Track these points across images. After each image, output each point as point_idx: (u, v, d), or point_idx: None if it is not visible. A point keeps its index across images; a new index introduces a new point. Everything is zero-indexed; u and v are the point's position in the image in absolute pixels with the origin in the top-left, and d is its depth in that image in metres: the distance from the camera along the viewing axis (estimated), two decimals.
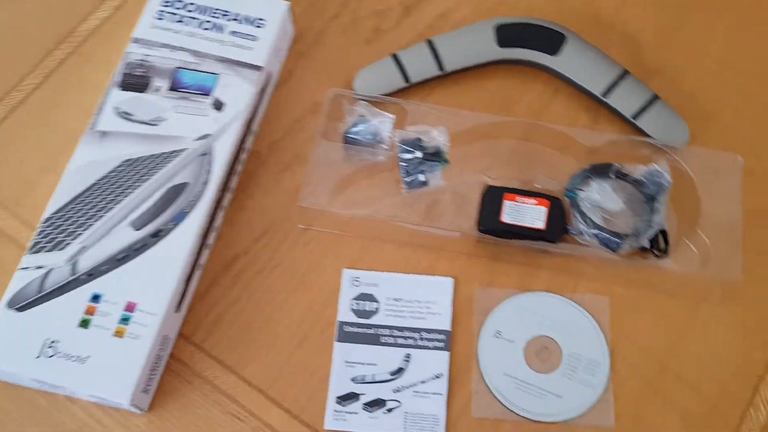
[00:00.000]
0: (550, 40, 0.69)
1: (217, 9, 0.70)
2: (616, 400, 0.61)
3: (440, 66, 0.70)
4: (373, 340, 0.63)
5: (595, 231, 0.62)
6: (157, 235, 0.61)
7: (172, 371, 0.62)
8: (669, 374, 0.63)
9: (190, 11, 0.70)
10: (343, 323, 0.63)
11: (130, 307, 0.59)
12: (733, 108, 0.73)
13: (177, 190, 0.63)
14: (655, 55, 0.75)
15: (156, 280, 0.60)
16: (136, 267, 0.60)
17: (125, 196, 0.62)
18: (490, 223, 0.64)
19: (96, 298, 0.59)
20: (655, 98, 0.68)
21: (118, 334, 0.58)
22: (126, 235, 0.61)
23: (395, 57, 0.70)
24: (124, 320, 0.58)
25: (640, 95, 0.68)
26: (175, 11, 0.70)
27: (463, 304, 0.65)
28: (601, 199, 0.64)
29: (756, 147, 0.71)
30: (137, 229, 0.61)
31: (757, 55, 0.76)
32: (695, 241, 0.65)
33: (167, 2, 0.70)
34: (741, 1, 0.78)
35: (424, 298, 0.64)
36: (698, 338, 0.64)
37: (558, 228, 0.63)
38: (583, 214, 0.63)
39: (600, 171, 0.66)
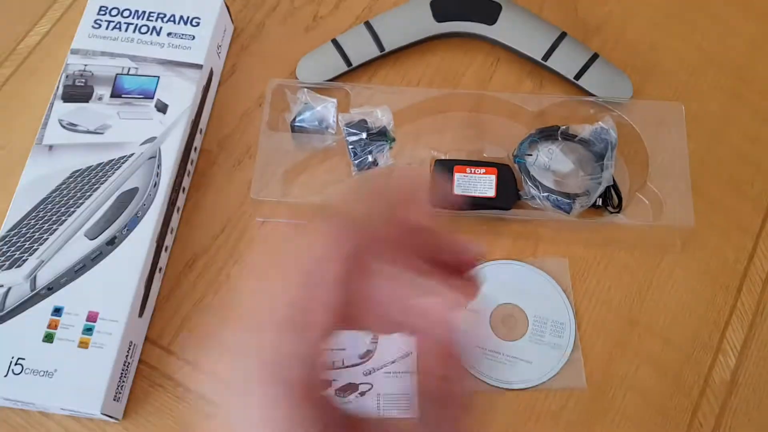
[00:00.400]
0: (486, 10, 0.69)
1: (152, 12, 0.70)
2: (585, 360, 0.62)
3: (380, 46, 0.70)
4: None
5: (547, 194, 0.63)
6: (112, 243, 0.61)
7: (143, 376, 0.62)
8: (637, 327, 0.63)
9: (126, 17, 0.70)
10: None
11: (92, 317, 0.59)
12: (673, 56, 0.74)
13: (128, 196, 0.62)
14: (591, 12, 0.75)
15: (115, 287, 0.59)
16: (94, 276, 0.60)
17: (77, 207, 0.62)
18: (442, 196, 0.64)
19: (57, 311, 0.59)
20: (595, 56, 0.69)
21: (83, 345, 0.58)
22: (82, 246, 0.61)
23: (335, 42, 0.70)
24: (88, 330, 0.58)
25: (579, 55, 0.68)
26: (112, 18, 0.70)
27: None
28: (550, 161, 0.65)
29: (698, 93, 0.72)
30: (92, 239, 0.61)
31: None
32: (647, 193, 0.65)
33: (103, 10, 0.70)
34: None
35: None
36: (662, 288, 0.64)
37: (509, 195, 0.64)
38: (533, 179, 0.63)
39: (547, 134, 0.66)
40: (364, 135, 0.64)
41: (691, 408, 0.61)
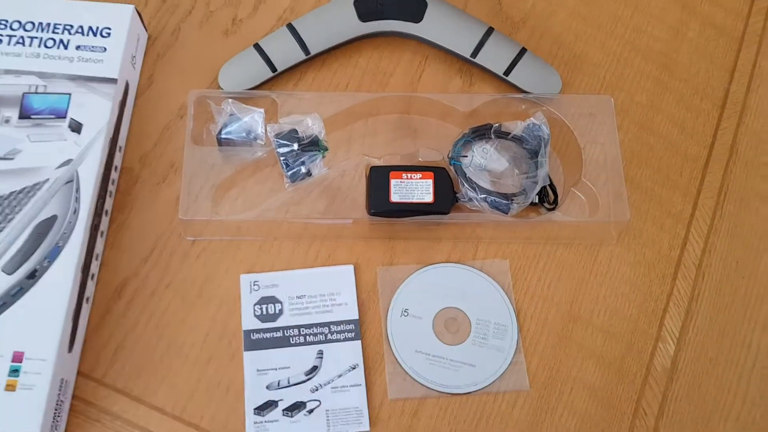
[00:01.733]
0: (411, 7, 0.68)
1: (58, 24, 0.65)
2: (529, 359, 0.62)
3: (305, 50, 0.67)
4: (283, 342, 0.61)
5: (484, 195, 0.62)
6: (33, 276, 0.57)
7: (77, 413, 0.59)
8: (579, 322, 0.64)
9: (29, 30, 0.65)
10: (248, 331, 0.61)
11: (17, 358, 0.55)
12: (598, 47, 0.74)
13: (46, 225, 0.59)
14: (515, 5, 0.75)
15: (40, 323, 0.56)
16: (16, 314, 0.56)
17: None
18: (379, 204, 0.63)
19: None
20: (523, 51, 0.68)
21: (10, 387, 0.54)
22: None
23: (258, 46, 0.68)
24: (14, 372, 0.55)
25: (507, 50, 0.68)
26: (13, 33, 0.65)
27: (367, 289, 0.64)
28: (485, 161, 0.64)
29: (625, 83, 0.73)
30: (10, 274, 0.57)
31: None
32: (582, 188, 0.65)
33: (3, 24, 0.65)
34: None
35: (327, 290, 0.63)
36: (601, 282, 0.65)
37: (447, 198, 0.63)
38: (469, 180, 0.63)
39: (480, 133, 0.65)
40: (295, 146, 0.62)
41: (635, 397, 0.62)
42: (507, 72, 0.68)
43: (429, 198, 0.62)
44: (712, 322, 0.64)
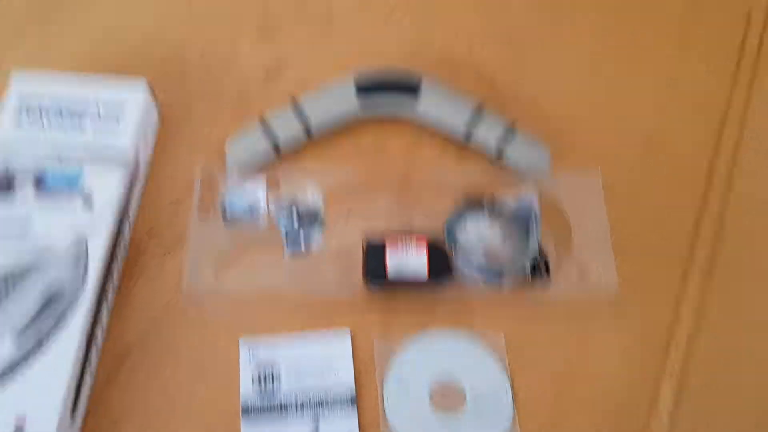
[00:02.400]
0: (406, 90, 0.72)
1: (75, 102, 0.69)
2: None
3: (308, 132, 0.71)
4: (279, 409, 0.62)
5: (478, 270, 0.64)
6: (38, 345, 0.59)
7: None
8: (572, 395, 0.64)
9: (47, 109, 0.69)
10: (246, 398, 0.63)
11: (19, 425, 0.56)
12: (588, 123, 0.77)
13: (53, 296, 0.61)
14: (509, 86, 0.79)
15: (43, 392, 0.57)
16: (20, 382, 0.58)
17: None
18: (375, 279, 0.65)
19: None
20: (513, 130, 0.71)
21: None
22: (5, 351, 0.58)
23: (263, 123, 0.71)
24: None
25: (499, 131, 0.71)
26: (33, 111, 0.68)
27: (364, 358, 0.65)
28: (478, 236, 0.66)
29: (613, 158, 0.75)
30: (16, 343, 0.59)
31: (601, 70, 0.81)
32: (572, 263, 0.67)
33: (24, 103, 0.69)
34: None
35: (324, 358, 0.64)
36: (594, 357, 0.66)
37: (442, 272, 0.65)
38: (463, 255, 0.65)
39: (474, 209, 0.68)
40: (295, 220, 0.65)
41: None
42: (499, 151, 0.71)
43: (424, 271, 0.64)
44: (705, 396, 0.65)
